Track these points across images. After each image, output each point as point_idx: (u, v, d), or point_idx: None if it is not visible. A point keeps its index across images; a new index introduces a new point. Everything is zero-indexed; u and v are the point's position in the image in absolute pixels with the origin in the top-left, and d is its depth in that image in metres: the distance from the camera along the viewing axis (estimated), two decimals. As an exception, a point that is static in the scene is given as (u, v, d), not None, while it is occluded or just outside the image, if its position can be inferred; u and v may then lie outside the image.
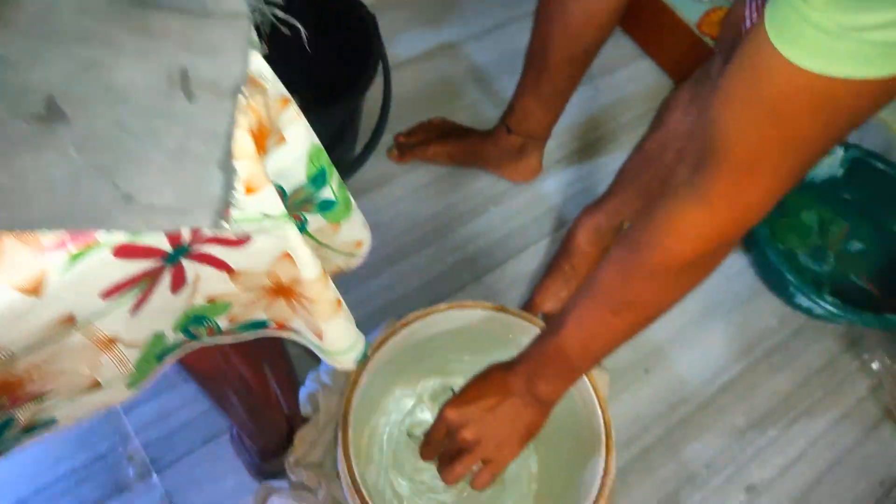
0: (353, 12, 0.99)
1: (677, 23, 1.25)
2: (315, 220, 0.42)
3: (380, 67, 0.98)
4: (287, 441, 0.88)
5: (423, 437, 0.75)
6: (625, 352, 1.06)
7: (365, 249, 0.47)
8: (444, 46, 1.31)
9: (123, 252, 0.29)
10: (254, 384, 0.75)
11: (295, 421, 0.91)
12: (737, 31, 0.73)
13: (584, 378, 0.77)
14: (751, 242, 1.13)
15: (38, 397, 0.35)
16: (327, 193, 0.40)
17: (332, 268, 0.48)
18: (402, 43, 1.30)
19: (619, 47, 1.35)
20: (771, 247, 1.02)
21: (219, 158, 0.30)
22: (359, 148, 1.03)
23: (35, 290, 0.28)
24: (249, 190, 0.31)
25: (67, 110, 0.30)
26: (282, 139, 0.36)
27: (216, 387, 0.75)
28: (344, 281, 1.06)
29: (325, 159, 0.38)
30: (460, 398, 0.70)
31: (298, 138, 0.36)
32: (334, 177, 0.40)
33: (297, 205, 0.40)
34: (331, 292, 0.38)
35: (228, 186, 0.30)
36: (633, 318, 0.58)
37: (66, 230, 0.28)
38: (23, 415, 0.36)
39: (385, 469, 0.87)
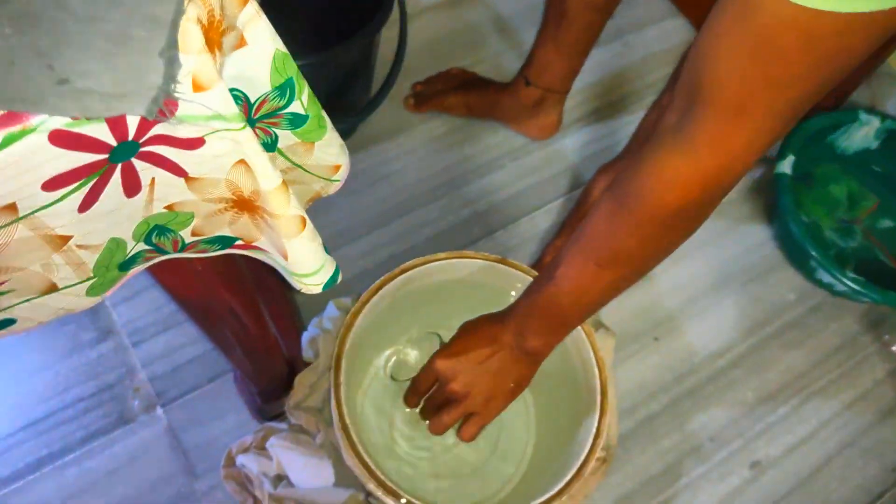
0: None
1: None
2: (286, 137, 0.40)
3: (396, 8, 0.95)
4: (288, 384, 0.89)
5: (410, 383, 0.74)
6: (634, 318, 1.04)
7: (343, 174, 0.45)
8: (468, -6, 1.28)
9: (60, 139, 0.28)
10: (249, 322, 0.75)
11: (296, 365, 0.92)
12: None
13: (584, 338, 0.75)
14: (773, 213, 1.08)
15: (-10, 294, 0.35)
16: (297, 107, 0.38)
17: (310, 193, 0.47)
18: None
19: (652, 2, 1.30)
20: (794, 218, 0.98)
21: (161, 47, 0.29)
22: (374, 92, 1.01)
23: (-34, 170, 0.27)
24: (198, 87, 0.30)
25: (10, -9, 0.29)
26: (243, 42, 0.34)
27: (214, 326, 0.75)
28: (351, 229, 1.07)
29: (292, 69, 0.37)
30: (450, 349, 0.69)
31: (260, 41, 0.34)
32: (305, 91, 0.38)
33: (264, 117, 0.38)
34: (293, 208, 0.36)
35: (169, 77, 0.28)
36: (620, 271, 0.56)
37: (-4, 109, 0.27)
38: (-23, 311, 0.35)
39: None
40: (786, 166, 1.01)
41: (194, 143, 0.32)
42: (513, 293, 0.80)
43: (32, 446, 0.92)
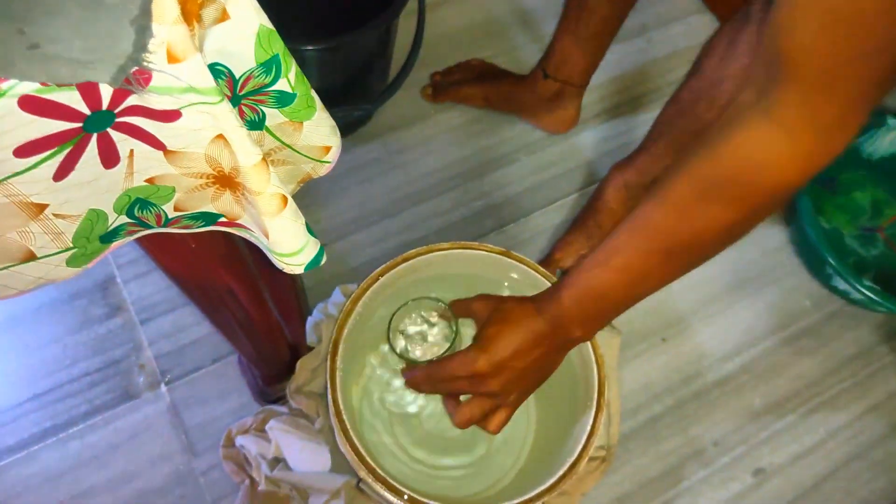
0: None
1: (744, -24, 1.17)
2: (273, 116, 0.40)
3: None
4: (290, 368, 0.89)
5: (428, 369, 0.65)
6: (643, 317, 1.02)
7: (333, 155, 0.44)
8: (492, -15, 1.26)
9: (30, 105, 0.28)
10: (252, 310, 0.75)
11: (300, 349, 0.92)
12: None
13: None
14: (792, 217, 1.06)
15: (-33, 259, 0.35)
16: (283, 85, 0.38)
17: (301, 173, 0.46)
18: (449, -22, 1.26)
19: (677, -1, 1.27)
20: (812, 223, 0.95)
21: (133, 15, 0.28)
22: (390, 80, 1.01)
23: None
24: (173, 58, 0.30)
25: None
26: (225, 15, 0.33)
27: (213, 307, 0.75)
28: (364, 216, 1.06)
29: (278, 46, 0.36)
30: (492, 349, 0.61)
31: (244, 15, 0.34)
32: (293, 69, 0.38)
33: (250, 94, 0.38)
34: (273, 186, 0.36)
35: (139, 46, 0.28)
36: (691, 259, 0.52)
37: (-37, 71, 0.27)
38: (-44, 276, 0.36)
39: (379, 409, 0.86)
40: (807, 169, 0.98)
41: (170, 116, 0.32)
42: (513, 283, 0.79)
43: (38, 417, 0.93)
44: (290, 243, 0.39)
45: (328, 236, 1.04)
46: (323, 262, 0.42)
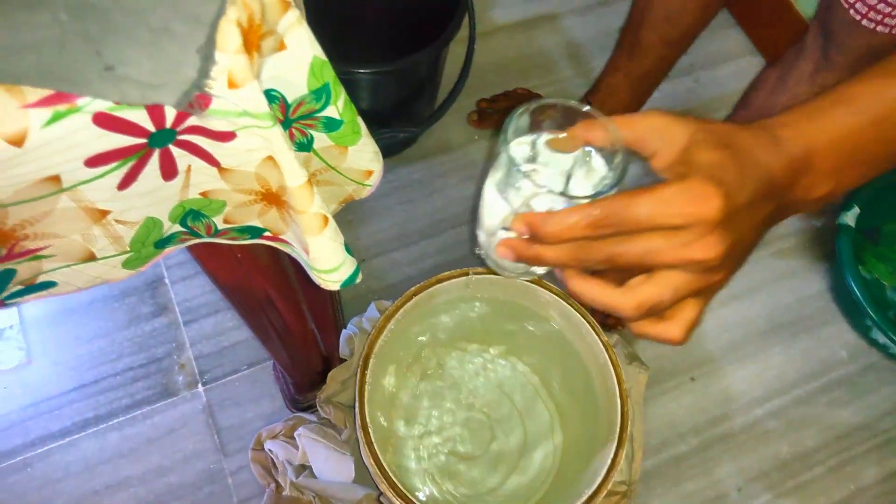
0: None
1: (797, 18, 1.16)
2: (321, 139, 0.43)
3: (467, 27, 0.98)
4: (322, 378, 0.91)
5: (602, 204, 0.34)
6: (672, 354, 1.02)
7: (375, 179, 0.47)
8: (543, 17, 1.29)
9: (103, 121, 0.31)
10: (290, 319, 0.77)
11: (332, 360, 0.94)
12: (829, 6, 0.68)
13: (611, 368, 0.75)
14: (832, 265, 1.04)
15: (35, 255, 0.38)
16: (332, 112, 0.41)
17: (343, 194, 0.49)
18: (502, 8, 1.29)
19: (728, 38, 1.27)
20: (853, 273, 0.94)
21: (200, 44, 0.31)
22: (438, 105, 1.04)
23: (18, 141, 0.30)
24: (232, 84, 0.32)
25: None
26: (282, 45, 0.36)
27: (252, 313, 0.78)
28: (404, 235, 1.09)
29: (330, 75, 0.39)
30: (727, 182, 0.34)
31: (299, 46, 0.37)
32: (341, 97, 0.41)
33: (301, 118, 0.41)
34: (316, 206, 0.38)
35: (203, 73, 0.31)
36: None
37: (48, 89, 0.30)
38: (23, 270, 0.39)
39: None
40: (849, 218, 0.97)
41: (227, 136, 0.35)
42: (545, 311, 0.80)
43: (81, 407, 0.98)
44: (328, 261, 0.41)
45: (368, 252, 1.07)
46: (358, 280, 0.44)
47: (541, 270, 0.43)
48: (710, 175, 0.35)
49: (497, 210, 0.38)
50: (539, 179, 0.36)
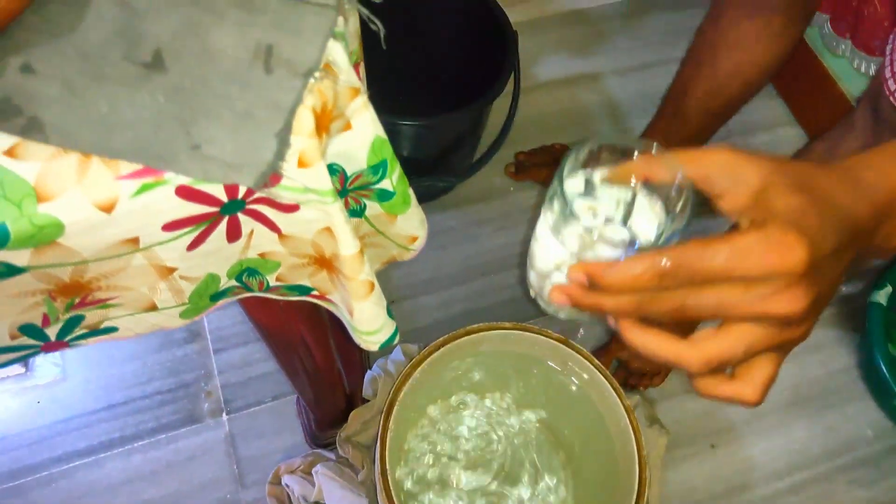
0: (496, 26, 1.03)
1: (838, 94, 1.18)
2: (373, 207, 0.45)
3: (511, 83, 1.01)
4: (344, 416, 0.93)
5: (672, 253, 0.31)
6: (694, 420, 1.02)
7: (419, 245, 0.49)
8: (585, 76, 1.32)
9: (184, 193, 0.34)
10: (317, 354, 0.79)
11: (355, 400, 0.96)
12: (878, 92, 0.69)
13: (631, 434, 0.75)
14: (862, 342, 1.04)
15: (103, 304, 0.41)
16: (386, 184, 0.43)
17: (387, 256, 0.51)
18: (545, 65, 1.32)
19: (769, 108, 1.29)
20: (882, 352, 0.94)
21: (278, 129, 0.34)
22: (478, 156, 1.06)
23: (108, 208, 0.33)
24: (302, 164, 0.35)
25: (168, 63, 0.35)
26: (348, 126, 0.39)
27: (281, 345, 0.81)
28: (434, 280, 1.11)
29: (387, 152, 0.41)
30: (812, 231, 0.31)
31: (364, 127, 0.39)
32: (396, 171, 0.43)
33: (357, 188, 0.43)
34: (365, 274, 0.41)
35: (279, 156, 0.34)
36: None
37: (140, 164, 0.33)
38: (90, 316, 0.42)
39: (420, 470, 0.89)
40: (881, 297, 0.97)
41: (291, 208, 0.38)
42: (569, 369, 0.81)
43: (109, 427, 1.00)
44: (370, 323, 0.44)
45: (398, 294, 1.09)
46: (396, 342, 0.46)
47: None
48: (792, 222, 0.32)
49: (551, 252, 0.36)
50: (593, 218, 0.35)
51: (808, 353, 1.07)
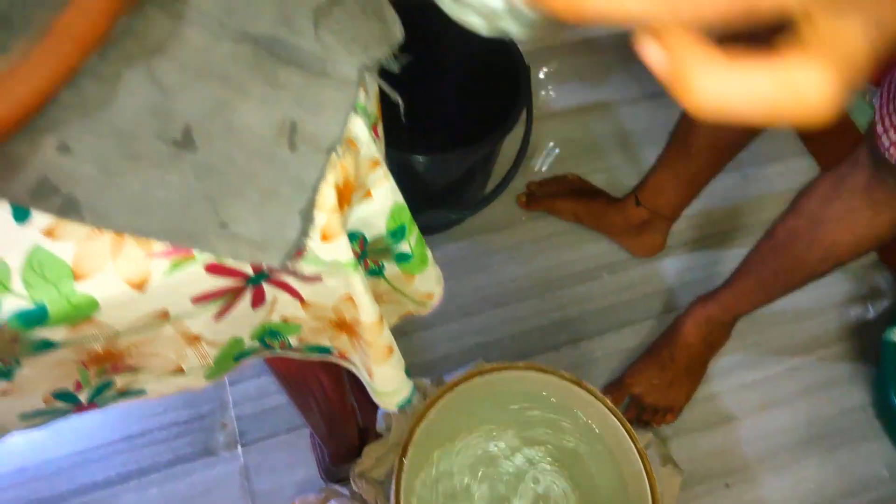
0: (507, 58, 1.04)
1: (848, 125, 1.18)
2: (391, 268, 0.46)
3: (523, 115, 1.02)
4: (357, 451, 0.93)
5: None
6: (708, 459, 1.02)
7: (435, 301, 0.50)
8: (597, 105, 1.33)
9: (213, 269, 0.35)
10: (332, 393, 0.80)
11: (368, 435, 0.96)
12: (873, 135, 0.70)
13: (644, 478, 0.75)
14: (876, 379, 1.03)
15: (133, 370, 0.42)
16: (404, 247, 0.44)
17: (404, 310, 0.52)
18: (558, 93, 1.33)
19: (779, 139, 1.29)
20: (897, 388, 0.93)
21: (302, 207, 0.35)
22: (489, 187, 1.07)
23: (140, 286, 0.34)
24: (325, 238, 0.36)
25: (197, 141, 0.36)
26: (369, 194, 0.40)
27: (297, 389, 0.81)
28: (444, 312, 1.12)
29: (405, 217, 0.42)
30: None
31: (383, 196, 0.40)
32: (413, 234, 0.44)
33: (376, 252, 0.44)
34: (384, 339, 0.41)
35: (303, 233, 0.35)
36: None
37: (172, 243, 0.34)
38: (120, 381, 0.43)
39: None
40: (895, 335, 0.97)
41: (313, 279, 0.39)
42: (592, 419, 0.82)
43: (125, 458, 1.01)
44: (389, 385, 0.44)
45: (408, 326, 1.10)
46: (414, 401, 0.47)
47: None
48: None
49: None
50: None
51: (822, 390, 1.06)
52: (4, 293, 0.32)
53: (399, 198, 0.42)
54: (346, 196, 0.38)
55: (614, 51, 1.38)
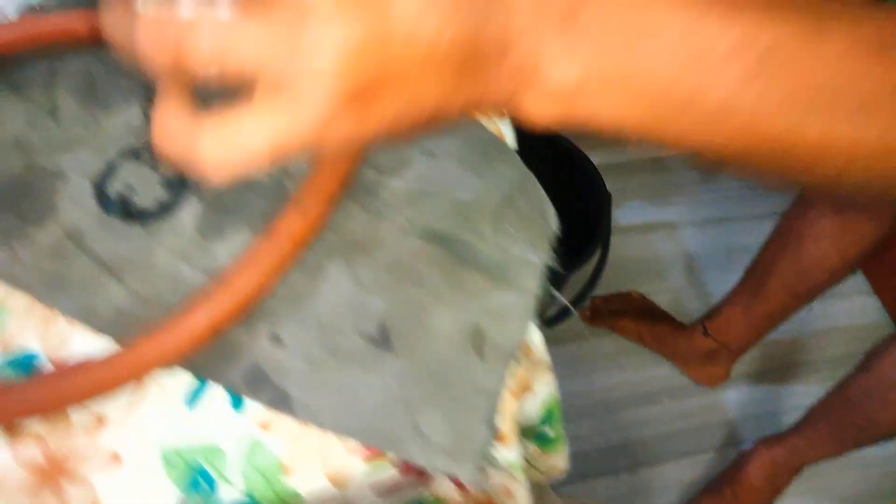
0: (589, 185, 1.08)
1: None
2: (530, 446, 0.49)
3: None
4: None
5: None
6: None
7: (560, 474, 0.53)
8: (663, 224, 1.35)
9: (406, 470, 0.38)
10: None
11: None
12: None
13: None
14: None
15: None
16: (549, 431, 0.47)
17: (531, 478, 0.54)
18: (624, 210, 1.36)
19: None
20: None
21: (487, 415, 0.38)
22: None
23: (340, 483, 0.37)
24: (499, 439, 0.39)
25: (394, 341, 0.40)
26: (529, 388, 0.43)
27: None
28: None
29: (555, 405, 0.45)
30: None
31: (544, 391, 0.43)
32: (558, 420, 0.47)
33: (523, 433, 0.47)
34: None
35: (489, 443, 0.37)
36: None
37: (371, 444, 0.37)
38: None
39: None
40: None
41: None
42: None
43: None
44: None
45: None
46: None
47: None
48: None
49: None
50: None
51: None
52: (221, 481, 0.35)
53: (555, 390, 0.44)
54: (517, 397, 0.41)
55: (681, 171, 1.42)
